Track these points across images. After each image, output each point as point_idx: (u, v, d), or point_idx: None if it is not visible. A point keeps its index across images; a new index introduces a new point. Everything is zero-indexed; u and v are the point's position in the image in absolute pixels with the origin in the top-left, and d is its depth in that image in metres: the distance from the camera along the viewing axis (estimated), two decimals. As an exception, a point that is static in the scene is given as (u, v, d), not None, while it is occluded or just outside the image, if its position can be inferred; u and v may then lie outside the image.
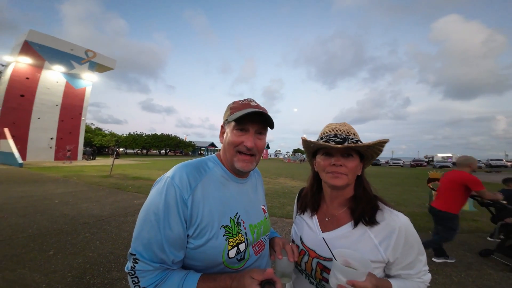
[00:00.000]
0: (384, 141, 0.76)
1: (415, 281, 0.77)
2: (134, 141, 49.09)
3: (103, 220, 4.53)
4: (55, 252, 3.10)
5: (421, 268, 0.77)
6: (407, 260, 0.75)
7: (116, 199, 6.37)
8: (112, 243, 3.43)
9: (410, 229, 0.76)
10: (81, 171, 13.34)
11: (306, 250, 0.86)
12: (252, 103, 0.80)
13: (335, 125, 0.86)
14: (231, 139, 0.77)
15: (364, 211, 0.79)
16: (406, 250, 0.74)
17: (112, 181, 9.62)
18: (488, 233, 4.35)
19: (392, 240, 0.74)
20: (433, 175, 6.18)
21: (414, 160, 45.77)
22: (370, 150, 0.81)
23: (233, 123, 0.77)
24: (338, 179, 0.79)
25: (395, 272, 0.77)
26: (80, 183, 9.00)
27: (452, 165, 37.59)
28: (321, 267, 0.80)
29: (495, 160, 37.94)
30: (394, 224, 0.75)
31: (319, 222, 0.89)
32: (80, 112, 26.18)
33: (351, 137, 0.81)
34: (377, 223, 0.77)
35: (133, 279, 0.65)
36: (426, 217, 5.54)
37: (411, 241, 0.75)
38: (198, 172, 0.76)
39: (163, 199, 0.66)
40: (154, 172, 13.92)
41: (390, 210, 0.79)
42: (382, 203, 0.82)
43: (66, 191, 7.27)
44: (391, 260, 0.75)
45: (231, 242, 0.71)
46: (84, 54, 25.49)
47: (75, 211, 5.06)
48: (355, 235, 0.78)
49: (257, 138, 0.78)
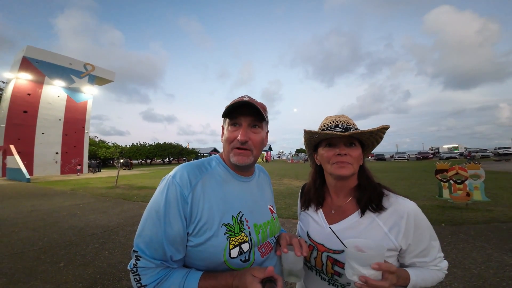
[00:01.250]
0: (385, 127, 0.76)
1: (432, 269, 0.74)
2: (137, 152, 49.53)
3: (111, 230, 4.52)
4: (65, 263, 3.11)
5: (435, 254, 0.74)
6: (421, 246, 0.73)
7: (123, 209, 6.38)
8: (120, 253, 3.41)
9: (419, 214, 0.74)
10: (87, 184, 13.46)
11: (314, 245, 0.84)
12: (245, 98, 0.79)
13: (335, 117, 0.85)
14: (226, 136, 0.78)
15: (371, 198, 0.78)
16: (417, 236, 0.72)
17: (118, 192, 9.67)
18: (504, 223, 4.20)
19: (402, 226, 0.72)
20: (441, 166, 6.09)
21: (419, 152, 45.28)
22: (371, 138, 0.81)
23: (228, 120, 0.78)
24: (345, 168, 0.78)
25: (410, 260, 0.74)
26: (87, 195, 9.06)
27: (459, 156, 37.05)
28: (332, 261, 0.77)
29: (503, 148, 37.28)
30: (402, 209, 0.74)
31: (325, 215, 0.87)
32: (83, 125, 26.52)
33: (352, 127, 0.81)
34: (385, 209, 0.75)
35: (135, 277, 0.64)
36: (437, 209, 5.42)
37: (422, 226, 0.73)
38: (199, 170, 0.76)
39: (164, 197, 0.67)
40: (158, 181, 13.68)
41: (395, 196, 0.78)
42: (386, 189, 0.81)
43: (73, 204, 7.32)
44: (404, 247, 0.72)
45: (232, 241, 0.69)
46: (83, 68, 25.92)
47: (83, 223, 5.08)
48: (363, 224, 0.76)
49: (252, 132, 0.77)
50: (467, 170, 5.56)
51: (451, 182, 5.79)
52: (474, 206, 5.48)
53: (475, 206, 5.51)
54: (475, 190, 5.46)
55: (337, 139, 0.80)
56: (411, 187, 8.89)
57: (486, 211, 5.07)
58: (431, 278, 0.72)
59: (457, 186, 5.65)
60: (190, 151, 62.88)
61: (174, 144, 56.98)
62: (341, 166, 0.78)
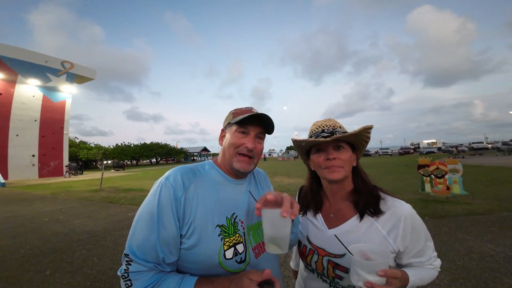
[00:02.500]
0: (369, 127, 0.77)
1: (427, 268, 0.77)
2: (122, 152, 47.71)
3: (98, 235, 4.35)
4: (52, 271, 2.97)
5: (430, 254, 0.78)
6: (417, 247, 0.75)
7: (110, 213, 6.14)
8: (110, 259, 3.29)
9: (414, 216, 0.76)
10: (69, 187, 12.80)
11: (314, 249, 0.85)
12: (253, 110, 0.83)
13: (321, 122, 0.88)
14: (232, 141, 0.79)
15: (367, 202, 0.79)
16: (414, 238, 0.75)
17: (103, 195, 9.28)
18: (482, 215, 4.48)
19: (400, 229, 0.74)
20: (423, 161, 6.40)
21: (401, 148, 47.35)
22: (358, 139, 0.81)
23: (235, 126, 0.79)
24: (336, 172, 0.79)
25: (406, 261, 0.77)
26: (69, 199, 8.63)
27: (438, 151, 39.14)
28: (332, 265, 0.78)
29: (477, 143, 39.88)
30: (399, 212, 0.76)
31: (324, 219, 0.88)
32: (61, 126, 25.11)
33: (337, 130, 0.82)
34: (383, 213, 0.77)
35: (126, 282, 0.62)
36: (421, 203, 5.70)
37: (418, 228, 0.76)
38: (192, 173, 0.76)
39: (157, 198, 0.67)
40: (147, 183, 13.53)
41: (392, 199, 0.80)
42: (382, 192, 0.83)
43: (55, 209, 6.95)
44: (401, 250, 0.75)
45: (227, 242, 0.70)
46: (60, 66, 24.45)
47: (67, 229, 4.84)
48: (362, 228, 0.78)
49: (257, 142, 0.80)
50: (446, 165, 5.90)
51: (432, 177, 6.12)
52: (454, 199, 5.82)
53: (454, 199, 5.85)
54: (454, 184, 5.80)
55: (325, 144, 0.82)
56: (395, 182, 9.28)
57: (465, 204, 5.40)
58: (427, 277, 0.76)
59: (438, 181, 5.98)
60: (179, 151, 61.48)
61: (161, 144, 55.37)
62: (332, 170, 0.80)
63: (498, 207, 4.90)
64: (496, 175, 9.81)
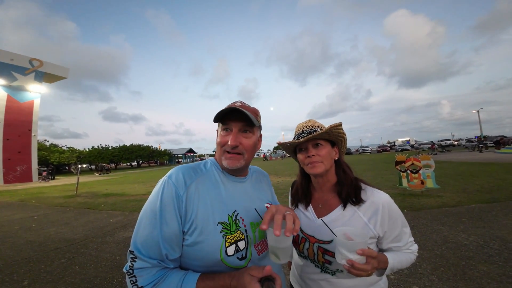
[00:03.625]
0: (335, 125, 0.86)
1: (405, 252, 0.86)
2: (99, 155, 45.03)
3: (78, 243, 4.08)
4: (30, 282, 2.76)
5: (407, 239, 0.86)
6: (394, 233, 0.84)
7: (89, 220, 5.79)
8: (94, 267, 3.11)
9: (391, 205, 0.85)
10: (39, 193, 11.85)
11: (306, 237, 0.92)
12: (237, 103, 0.82)
13: (302, 124, 0.97)
14: (218, 140, 0.81)
15: (349, 192, 0.87)
16: (391, 224, 0.83)
17: (80, 201, 8.72)
18: (453, 207, 4.84)
19: (379, 216, 0.82)
20: (400, 158, 6.81)
21: (379, 146, 49.88)
22: (333, 136, 0.90)
23: (221, 125, 0.81)
24: (316, 167, 0.88)
25: (386, 246, 0.86)
26: (41, 206, 7.99)
27: (411, 148, 41.85)
28: (322, 251, 0.86)
29: (445, 141, 43.15)
30: (377, 201, 0.84)
31: (314, 210, 0.95)
32: (29, 128, 23.22)
33: (315, 129, 0.91)
34: (363, 202, 0.85)
35: (131, 279, 0.64)
36: (399, 197, 6.07)
37: (395, 216, 0.84)
38: (194, 171, 0.78)
39: (160, 196, 0.68)
40: (128, 187, 12.87)
41: (371, 189, 0.89)
42: (363, 183, 0.92)
43: (26, 216, 6.41)
44: (381, 235, 0.83)
45: (228, 239, 0.71)
46: (28, 64, 22.71)
47: (42, 237, 4.49)
48: (346, 216, 0.86)
49: (242, 137, 0.79)
50: (420, 161, 6.34)
51: (408, 172, 6.54)
52: (428, 193, 6.27)
53: (428, 192, 6.30)
54: (428, 178, 6.25)
55: (305, 144, 0.92)
56: (375, 178, 9.77)
57: (437, 197, 5.82)
58: (405, 260, 0.84)
59: (413, 176, 6.40)
60: (163, 153, 59.26)
61: (143, 146, 53.15)
62: (313, 166, 0.89)
63: (467, 199, 5.33)
64: (463, 169, 10.70)
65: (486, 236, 3.30)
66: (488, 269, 2.47)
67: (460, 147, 39.68)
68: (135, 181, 16.47)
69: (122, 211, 6.61)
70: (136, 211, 6.48)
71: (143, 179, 17.28)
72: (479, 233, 3.42)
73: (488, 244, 3.03)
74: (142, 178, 18.15)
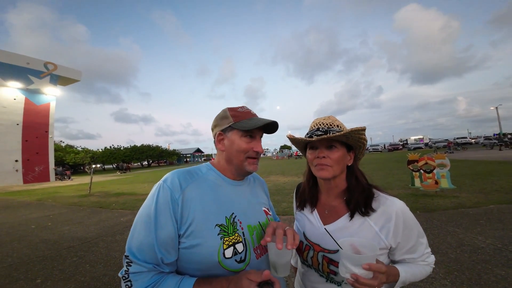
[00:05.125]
0: (358, 129, 0.76)
1: (420, 264, 0.78)
2: (111, 156, 46.38)
3: (90, 242, 4.21)
4: (43, 280, 2.85)
5: (423, 251, 0.78)
6: (409, 244, 0.76)
7: (101, 219, 5.97)
8: (103, 265, 3.19)
9: (407, 213, 0.77)
10: (56, 193, 12.35)
11: (310, 245, 0.86)
12: (252, 111, 0.86)
13: (320, 120, 0.87)
14: (241, 147, 0.79)
15: (358, 201, 0.80)
16: (406, 234, 0.75)
17: (93, 200, 9.02)
18: (470, 208, 4.62)
19: (391, 226, 0.75)
20: (412, 157, 6.58)
21: (390, 144, 48.60)
22: (352, 140, 0.80)
23: (241, 132, 0.80)
24: (323, 171, 0.81)
25: (399, 257, 0.78)
26: (57, 206, 8.32)
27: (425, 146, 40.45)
28: (327, 260, 0.80)
29: (461, 138, 41.52)
30: (390, 209, 0.76)
31: (320, 216, 0.89)
32: (46, 130, 24.18)
33: (333, 129, 0.81)
34: (374, 211, 0.77)
35: (127, 283, 0.63)
36: (411, 198, 5.86)
37: (410, 225, 0.76)
38: (190, 175, 0.78)
39: (155, 200, 0.68)
40: (138, 186, 13.23)
41: (385, 197, 0.80)
42: (377, 190, 0.83)
43: (42, 215, 6.68)
44: (393, 246, 0.76)
45: (226, 241, 0.70)
46: (43, 67, 23.60)
47: (56, 235, 4.66)
48: (355, 225, 0.79)
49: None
50: (434, 160, 6.10)
51: (421, 172, 6.31)
52: (442, 193, 6.02)
53: (443, 193, 6.05)
54: (442, 178, 6.00)
55: (318, 142, 0.82)
56: (386, 177, 9.51)
57: (453, 197, 5.57)
58: (419, 273, 0.76)
59: (427, 175, 6.17)
60: (171, 153, 60.36)
61: (152, 146, 54.24)
62: (321, 168, 0.81)
63: (485, 200, 5.09)
64: (480, 168, 10.23)
65: (505, 238, 3.13)
66: (506, 273, 2.34)
67: (478, 145, 37.94)
68: (145, 180, 16.86)
69: (132, 210, 6.78)
70: (145, 210, 6.63)
71: (153, 179, 17.66)
72: (498, 236, 3.25)
73: (507, 248, 2.87)
74: (152, 178, 18.53)
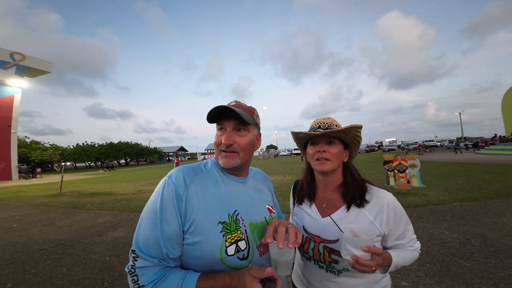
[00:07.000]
0: (355, 126, 0.84)
1: (408, 249, 0.89)
2: (84, 153, 43.39)
3: (64, 244, 3.94)
4: (14, 284, 2.65)
5: (410, 237, 0.90)
6: (399, 231, 0.86)
7: (75, 220, 5.58)
8: (82, 268, 3.02)
9: (396, 203, 0.87)
10: (20, 192, 11.29)
11: (311, 237, 0.92)
12: (232, 103, 0.83)
13: (320, 119, 0.97)
14: (215, 140, 0.82)
15: (354, 194, 0.89)
16: (396, 222, 0.86)
17: (65, 200, 8.38)
18: (437, 205, 5.04)
19: (384, 215, 0.84)
20: (387, 157, 7.04)
21: (367, 146, 51.31)
22: (349, 137, 0.89)
23: (216, 125, 0.82)
24: (324, 164, 0.89)
25: (391, 243, 0.88)
26: (23, 206, 7.62)
27: (398, 148, 43.35)
28: (328, 250, 0.86)
29: (429, 141, 45.10)
30: (382, 201, 0.86)
31: (318, 209, 0.96)
32: (8, 124, 21.91)
33: (333, 127, 0.91)
34: (368, 202, 0.87)
35: (133, 278, 0.65)
36: (387, 195, 6.28)
37: (399, 213, 0.87)
38: (194, 171, 0.78)
39: (160, 196, 0.70)
40: (116, 186, 12.47)
41: (377, 189, 0.90)
42: (369, 184, 0.94)
43: (6, 216, 6.10)
44: (386, 233, 0.86)
45: (229, 238, 0.71)
46: (9, 58, 21.43)
47: (25, 238, 4.30)
48: (352, 215, 0.87)
49: (237, 135, 0.79)
50: (407, 161, 6.59)
51: (395, 171, 6.78)
52: (413, 192, 6.52)
53: (414, 191, 6.55)
54: (413, 177, 6.51)
55: (319, 138, 0.91)
56: (364, 177, 10.01)
57: (422, 195, 6.04)
58: (409, 258, 0.86)
59: (400, 175, 6.65)
60: (152, 151, 57.78)
61: (131, 144, 51.59)
62: (321, 162, 0.89)
63: (449, 198, 5.58)
64: (446, 169, 11.20)
65: (468, 233, 3.46)
66: (470, 265, 2.59)
67: (443, 147, 41.44)
68: (123, 179, 16.00)
69: (110, 210, 6.42)
70: (125, 210, 6.31)
71: (132, 178, 16.82)
72: (461, 231, 3.58)
73: (470, 241, 3.18)
74: (131, 177, 17.66)
